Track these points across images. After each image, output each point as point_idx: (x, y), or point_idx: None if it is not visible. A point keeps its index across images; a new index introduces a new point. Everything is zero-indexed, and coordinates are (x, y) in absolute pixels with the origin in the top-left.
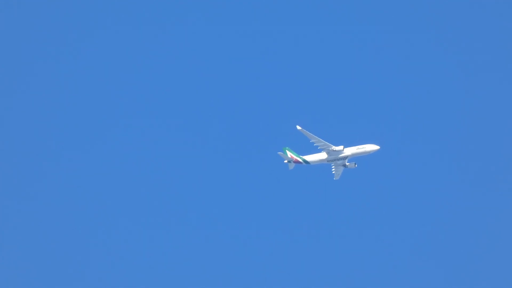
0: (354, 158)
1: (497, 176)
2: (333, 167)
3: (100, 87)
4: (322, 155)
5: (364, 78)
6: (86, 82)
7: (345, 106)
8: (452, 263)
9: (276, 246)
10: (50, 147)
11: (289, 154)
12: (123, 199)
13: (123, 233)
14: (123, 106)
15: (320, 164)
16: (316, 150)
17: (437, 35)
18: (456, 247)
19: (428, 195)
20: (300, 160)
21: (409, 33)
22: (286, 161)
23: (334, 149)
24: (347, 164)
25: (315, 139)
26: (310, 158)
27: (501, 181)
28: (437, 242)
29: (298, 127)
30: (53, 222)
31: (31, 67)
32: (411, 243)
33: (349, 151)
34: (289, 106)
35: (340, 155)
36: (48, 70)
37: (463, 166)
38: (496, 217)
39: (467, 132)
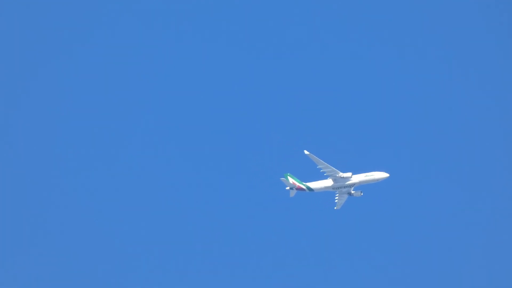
0: (360, 186)
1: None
2: (337, 195)
3: (99, 87)
4: (328, 182)
5: (375, 104)
6: (86, 82)
7: (353, 132)
8: None
9: (264, 272)
10: (49, 148)
11: (291, 180)
12: (119, 200)
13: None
14: (120, 107)
15: (323, 192)
16: (319, 176)
17: (449, 59)
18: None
19: (437, 228)
20: (303, 187)
21: (422, 53)
22: (288, 187)
23: (342, 176)
24: (352, 192)
25: (323, 165)
26: (314, 185)
27: None
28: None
29: (306, 152)
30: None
31: (31, 67)
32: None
33: (356, 178)
34: (292, 131)
35: (347, 182)
36: (47, 71)
37: (477, 197)
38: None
39: (481, 159)
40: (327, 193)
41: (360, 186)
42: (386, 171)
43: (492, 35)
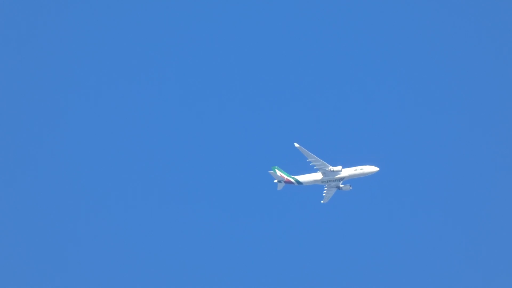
0: (350, 180)
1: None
2: (326, 188)
3: (100, 87)
4: (317, 175)
5: (366, 97)
6: (86, 82)
7: (343, 125)
8: None
9: (250, 264)
10: (51, 145)
11: (279, 173)
12: (120, 198)
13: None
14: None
15: (311, 185)
16: (308, 170)
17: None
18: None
19: (425, 225)
20: (291, 180)
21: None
22: (276, 180)
23: (332, 169)
24: (341, 186)
25: (313, 158)
26: (303, 178)
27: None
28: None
29: (296, 145)
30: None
31: (31, 67)
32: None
33: (346, 172)
34: (280, 123)
35: (336, 176)
36: (48, 71)
37: (466, 198)
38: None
39: (471, 155)
40: (315, 187)
41: (349, 180)
42: (376, 166)
43: (492, 35)
